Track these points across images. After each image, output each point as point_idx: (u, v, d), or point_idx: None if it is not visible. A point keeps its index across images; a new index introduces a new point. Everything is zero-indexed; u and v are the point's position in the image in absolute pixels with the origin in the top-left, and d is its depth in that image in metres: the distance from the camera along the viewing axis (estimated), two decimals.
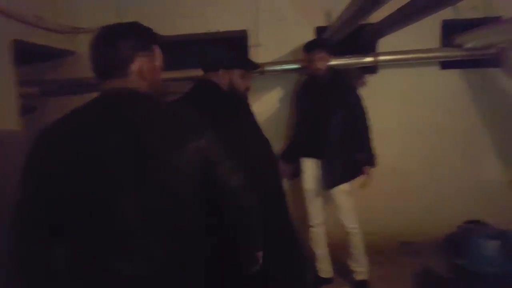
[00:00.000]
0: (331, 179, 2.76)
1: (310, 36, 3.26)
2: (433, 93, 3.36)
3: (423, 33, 3.20)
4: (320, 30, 3.24)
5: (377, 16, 2.57)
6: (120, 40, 1.16)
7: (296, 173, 2.96)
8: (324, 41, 2.95)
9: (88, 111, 1.15)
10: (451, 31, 3.21)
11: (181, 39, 3.36)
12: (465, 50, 3.13)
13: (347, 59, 3.22)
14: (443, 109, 3.36)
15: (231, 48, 3.13)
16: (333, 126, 2.72)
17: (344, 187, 2.79)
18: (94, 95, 1.19)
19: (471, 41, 3.07)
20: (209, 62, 1.86)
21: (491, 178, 3.38)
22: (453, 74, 3.34)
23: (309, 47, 2.82)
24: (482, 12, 3.19)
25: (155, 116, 1.15)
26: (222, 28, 3.34)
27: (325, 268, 2.93)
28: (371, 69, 3.34)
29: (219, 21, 3.32)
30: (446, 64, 3.34)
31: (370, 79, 3.36)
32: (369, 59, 3.20)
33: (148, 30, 1.26)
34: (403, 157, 3.42)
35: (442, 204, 3.38)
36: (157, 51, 1.27)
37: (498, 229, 2.94)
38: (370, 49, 3.28)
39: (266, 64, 3.14)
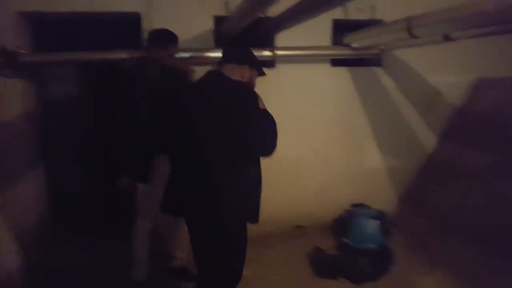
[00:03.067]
0: None
1: (209, 24, 3.22)
2: (324, 88, 3.61)
3: (317, 31, 3.41)
4: (219, 20, 3.22)
5: (276, 10, 2.66)
6: None
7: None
8: None
9: None
10: (341, 30, 3.47)
11: (57, 17, 3.05)
12: (352, 49, 3.42)
13: None
14: (333, 103, 3.64)
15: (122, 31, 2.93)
16: None
17: None
18: None
19: (357, 41, 3.37)
20: (239, 56, 2.04)
21: (372, 166, 3.80)
22: (341, 71, 3.63)
23: None
24: (367, 15, 3.51)
25: None
26: (111, 8, 3.08)
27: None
28: (270, 63, 3.43)
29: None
30: (336, 62, 3.60)
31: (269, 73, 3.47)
32: (267, 53, 3.29)
33: None
34: (296, 148, 3.61)
35: (331, 190, 3.68)
36: None
37: (378, 210, 3.32)
38: (268, 43, 3.37)
39: None
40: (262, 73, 2.13)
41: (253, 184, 1.95)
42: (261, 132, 1.85)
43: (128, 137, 2.49)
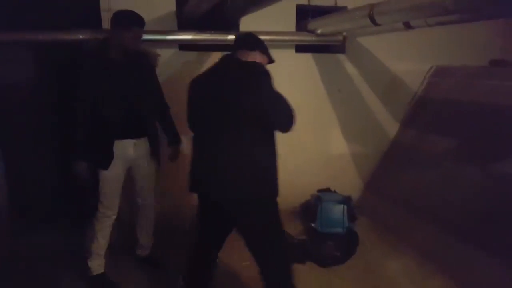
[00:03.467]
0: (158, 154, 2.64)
1: (171, 4, 3.10)
2: (289, 74, 3.58)
3: (282, 17, 3.39)
4: (181, 1, 3.09)
5: None
6: None
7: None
8: None
9: None
10: (305, 16, 3.46)
11: None
12: (316, 36, 3.43)
13: (211, 35, 3.18)
14: (298, 89, 3.60)
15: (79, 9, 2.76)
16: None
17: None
18: None
19: (321, 27, 3.37)
20: (251, 42, 2.09)
21: (338, 152, 3.85)
22: (306, 57, 3.63)
23: None
24: (331, 1, 3.52)
25: None
26: None
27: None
28: None
29: None
30: (300, 48, 3.60)
31: None
32: (231, 37, 3.21)
33: None
34: None
35: (299, 176, 3.68)
36: None
37: (343, 196, 3.38)
38: (233, 27, 3.31)
39: None
40: (271, 60, 2.18)
41: (274, 159, 2.06)
42: (281, 106, 1.94)
43: (88, 121, 2.36)
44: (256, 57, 2.06)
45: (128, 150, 2.49)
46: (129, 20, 2.37)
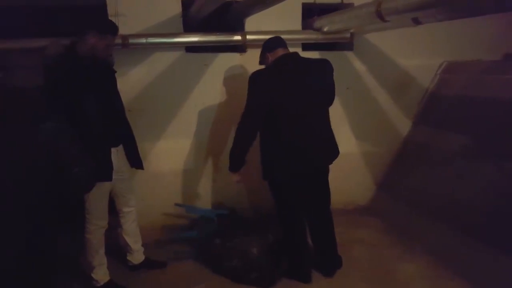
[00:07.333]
0: (139, 160, 2.64)
1: (176, 8, 3.10)
2: None
3: (287, 15, 3.35)
4: (186, 3, 3.10)
5: None
6: None
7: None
8: None
9: None
10: (311, 14, 3.42)
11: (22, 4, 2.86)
12: (323, 34, 3.39)
13: (217, 37, 3.17)
14: None
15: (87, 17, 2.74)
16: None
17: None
18: None
19: (327, 25, 3.33)
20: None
21: (348, 151, 3.74)
22: (313, 56, 3.57)
23: None
24: None
25: None
26: None
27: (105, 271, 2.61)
28: (240, 48, 3.36)
29: None
30: (306, 46, 3.54)
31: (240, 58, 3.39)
32: (237, 37, 3.21)
33: None
34: None
35: None
36: None
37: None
38: (238, 28, 3.29)
39: (130, 36, 2.89)
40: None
41: None
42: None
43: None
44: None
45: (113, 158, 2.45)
46: (103, 28, 2.32)
